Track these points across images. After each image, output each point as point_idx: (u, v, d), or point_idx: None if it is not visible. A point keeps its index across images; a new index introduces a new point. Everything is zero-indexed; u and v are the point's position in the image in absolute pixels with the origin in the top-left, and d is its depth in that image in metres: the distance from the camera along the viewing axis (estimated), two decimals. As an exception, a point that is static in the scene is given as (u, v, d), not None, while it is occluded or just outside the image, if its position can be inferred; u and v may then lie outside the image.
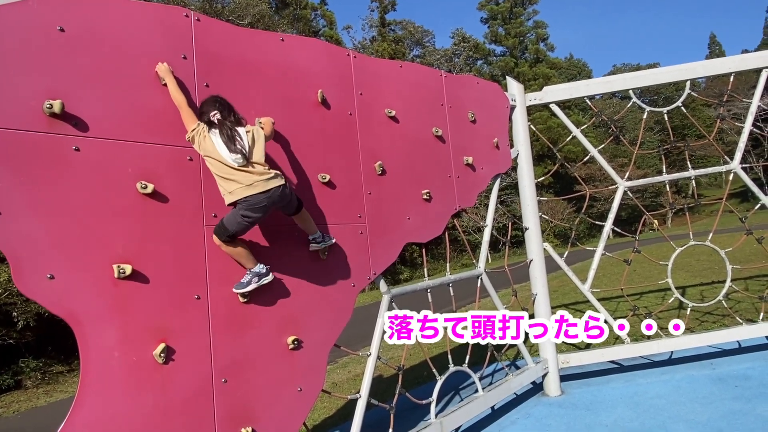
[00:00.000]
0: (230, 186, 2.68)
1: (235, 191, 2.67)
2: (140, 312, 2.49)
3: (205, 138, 2.69)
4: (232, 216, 2.70)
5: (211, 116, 2.73)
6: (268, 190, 2.70)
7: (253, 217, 2.71)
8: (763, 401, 4.13)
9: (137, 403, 2.42)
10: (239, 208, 2.68)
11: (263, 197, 2.69)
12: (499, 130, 5.05)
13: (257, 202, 2.68)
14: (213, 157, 2.68)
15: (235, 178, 2.67)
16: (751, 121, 5.50)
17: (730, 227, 15.69)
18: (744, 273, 9.71)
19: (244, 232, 2.78)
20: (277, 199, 2.77)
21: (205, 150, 2.69)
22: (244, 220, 2.70)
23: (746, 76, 29.16)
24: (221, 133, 2.68)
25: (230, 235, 2.71)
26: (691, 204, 6.67)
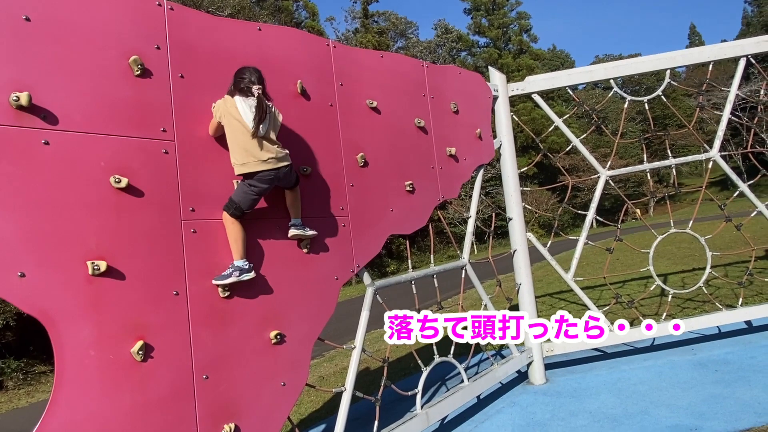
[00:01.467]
0: (244, 158, 2.82)
1: (248, 163, 2.82)
2: (116, 309, 2.43)
3: (227, 102, 2.83)
4: (240, 190, 2.88)
5: (255, 88, 2.84)
6: (278, 168, 2.90)
7: (259, 188, 2.87)
8: (742, 385, 4.21)
9: (114, 402, 2.37)
10: (247, 180, 2.86)
11: (273, 173, 2.88)
12: (481, 120, 5.04)
13: (266, 176, 2.86)
14: (236, 119, 2.80)
15: (251, 150, 2.81)
16: (729, 110, 5.56)
17: (710, 215, 15.96)
18: (724, 259, 9.90)
19: (253, 206, 2.92)
20: (282, 177, 2.97)
21: (226, 113, 2.81)
22: (251, 190, 2.86)
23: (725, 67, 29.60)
24: (258, 104, 2.81)
25: (241, 210, 2.84)
26: (671, 193, 6.74)
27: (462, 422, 4.40)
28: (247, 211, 2.89)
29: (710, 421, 3.65)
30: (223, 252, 2.87)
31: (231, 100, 2.85)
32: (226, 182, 2.95)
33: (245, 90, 2.84)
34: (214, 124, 2.90)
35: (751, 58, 5.51)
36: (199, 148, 2.86)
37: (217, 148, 2.95)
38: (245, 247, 2.90)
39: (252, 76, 2.88)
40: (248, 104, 2.82)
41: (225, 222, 2.87)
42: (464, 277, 4.76)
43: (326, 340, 3.50)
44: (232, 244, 2.87)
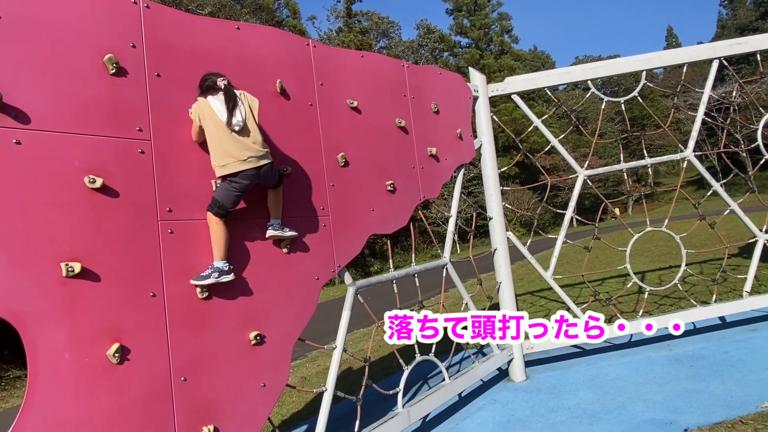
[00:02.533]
0: (223, 159, 2.81)
1: (228, 165, 2.81)
2: (91, 311, 2.39)
3: (201, 104, 2.82)
4: (222, 188, 2.86)
5: (218, 81, 2.84)
6: (259, 167, 2.89)
7: (241, 184, 2.86)
8: (715, 379, 4.31)
9: (90, 405, 2.33)
10: (228, 179, 2.84)
11: (254, 171, 2.87)
12: (462, 120, 5.08)
13: (247, 174, 2.85)
14: (212, 118, 2.79)
15: (230, 151, 2.80)
16: (703, 111, 5.69)
17: (686, 213, 16.30)
18: (699, 257, 10.12)
19: (237, 203, 2.90)
20: (264, 175, 2.95)
21: (203, 115, 2.80)
22: (233, 187, 2.84)
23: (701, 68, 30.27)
24: (226, 98, 2.81)
25: (225, 209, 2.83)
26: (648, 192, 6.87)
27: (443, 420, 4.43)
28: (231, 209, 2.88)
29: (684, 415, 3.73)
30: (201, 252, 2.85)
31: (204, 101, 2.85)
32: (204, 182, 2.92)
33: (212, 87, 2.85)
34: (195, 129, 2.89)
35: (723, 60, 5.64)
36: (176, 148, 2.83)
37: (195, 148, 2.93)
38: (227, 249, 2.88)
39: (213, 75, 2.88)
40: (219, 100, 2.83)
41: (209, 222, 2.85)
42: (445, 276, 4.78)
43: (307, 341, 3.49)
44: (215, 244, 2.85)
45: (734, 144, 35.04)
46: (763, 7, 50.66)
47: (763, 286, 7.02)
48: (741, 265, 8.37)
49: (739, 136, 33.79)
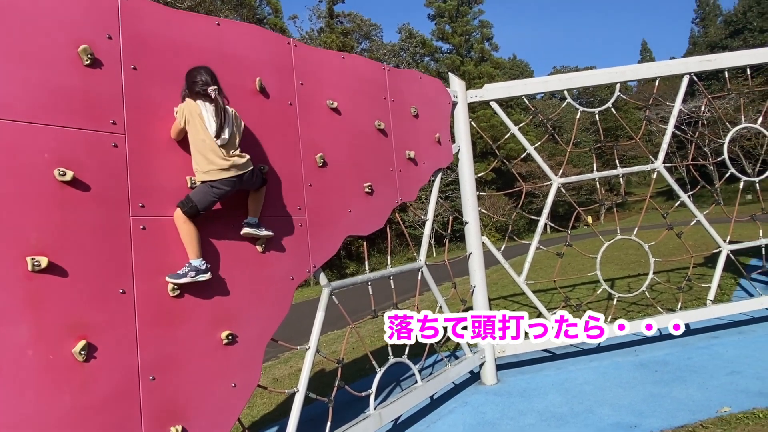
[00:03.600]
0: (206, 165, 2.81)
1: (210, 172, 2.81)
2: (58, 307, 2.33)
3: (190, 106, 2.79)
4: (200, 190, 2.83)
5: (210, 90, 2.81)
6: (241, 174, 2.90)
7: (222, 190, 2.85)
8: (679, 384, 4.44)
9: (53, 403, 2.27)
10: (210, 184, 2.83)
11: (236, 179, 2.88)
12: (440, 125, 5.12)
13: (229, 181, 2.86)
14: (199, 125, 2.78)
15: (213, 159, 2.79)
16: (673, 124, 5.87)
17: (656, 223, 16.74)
18: (666, 266, 10.41)
19: (210, 207, 2.88)
20: (245, 181, 2.98)
21: (191, 117, 2.77)
22: (213, 192, 2.83)
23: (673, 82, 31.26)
24: (216, 110, 2.80)
25: (197, 210, 2.79)
26: (618, 201, 7.04)
27: (415, 422, 4.44)
28: (202, 212, 2.84)
29: (649, 419, 3.83)
30: (174, 250, 2.80)
31: (194, 104, 2.81)
32: (179, 178, 2.88)
33: (202, 94, 2.81)
34: (177, 127, 2.84)
35: (694, 75, 5.83)
36: (151, 143, 2.78)
37: (171, 144, 2.88)
38: (200, 246, 2.85)
39: (205, 76, 2.84)
40: (209, 110, 2.80)
41: (177, 220, 2.79)
42: (420, 279, 4.81)
43: (280, 341, 3.47)
44: (187, 243, 2.81)
45: (702, 157, 36.18)
46: (733, 26, 52.52)
47: (726, 295, 7.27)
48: (706, 275, 8.64)
49: (707, 150, 34.88)
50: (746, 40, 48.41)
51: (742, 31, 50.75)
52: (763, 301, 5.66)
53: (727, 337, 5.63)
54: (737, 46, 46.41)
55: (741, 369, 4.58)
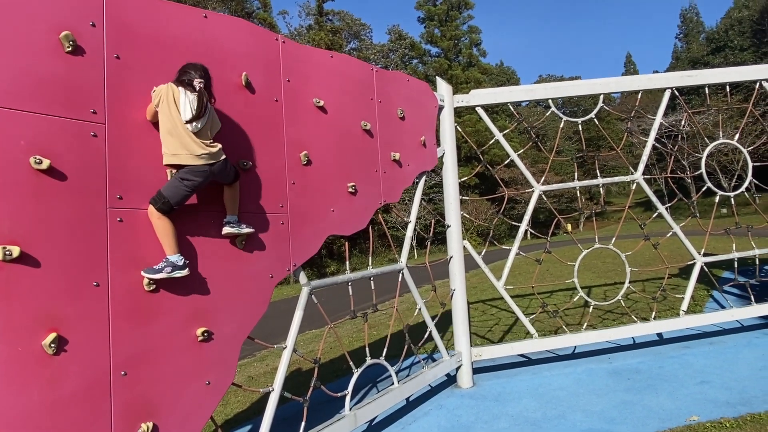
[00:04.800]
0: (175, 148, 2.75)
1: (179, 155, 2.75)
2: (28, 298, 2.27)
3: (169, 89, 2.75)
4: (171, 184, 2.76)
5: (196, 82, 2.81)
6: (212, 163, 2.84)
7: (193, 181, 2.78)
8: (650, 392, 4.52)
9: (21, 397, 2.21)
10: (179, 172, 2.77)
11: (206, 168, 2.82)
12: (426, 128, 5.13)
13: (199, 170, 2.79)
14: (173, 108, 2.73)
15: (183, 142, 2.74)
16: (653, 137, 5.98)
17: (634, 233, 17.07)
18: (642, 275, 10.61)
19: (184, 201, 2.81)
20: (217, 171, 2.89)
21: (165, 99, 2.73)
22: (184, 185, 2.76)
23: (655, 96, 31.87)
24: (198, 100, 2.78)
25: (170, 205, 2.72)
26: (598, 210, 7.15)
27: (390, 424, 4.44)
28: (176, 206, 2.76)
29: (620, 426, 3.89)
30: (151, 244, 2.75)
31: (174, 88, 2.78)
32: (159, 171, 2.83)
33: (187, 83, 2.80)
34: (152, 109, 2.79)
35: (675, 90, 5.96)
36: (132, 134, 2.73)
37: (152, 135, 2.83)
38: (177, 241, 2.79)
39: (197, 71, 2.85)
40: (189, 98, 2.78)
41: (151, 216, 2.72)
42: (401, 280, 4.81)
43: (257, 340, 3.43)
44: (162, 239, 2.75)
45: (681, 170, 36.97)
46: (715, 44, 53.82)
47: (698, 307, 7.43)
48: (680, 285, 8.84)
49: (686, 163, 35.67)
50: (727, 58, 49.68)
51: (724, 49, 52.06)
52: (734, 313, 5.80)
53: (698, 347, 5.75)
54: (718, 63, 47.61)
55: (711, 379, 4.68)
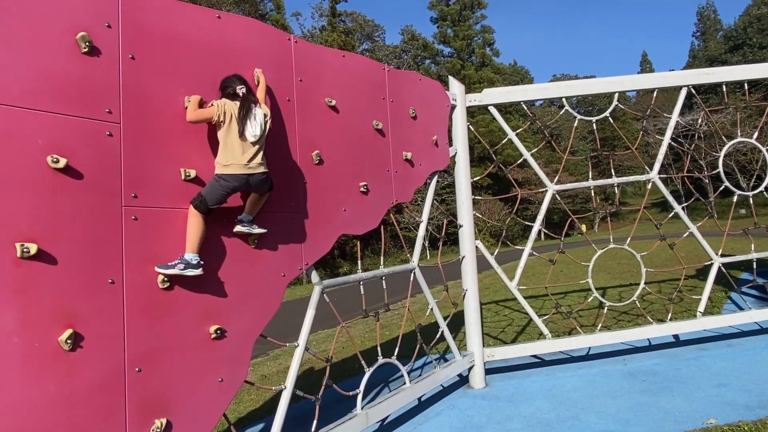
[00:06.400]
0: (228, 159, 2.90)
1: (231, 166, 2.90)
2: (45, 295, 2.31)
3: (228, 105, 2.93)
4: (209, 185, 2.90)
5: (237, 89, 3.00)
6: (252, 174, 2.98)
7: (229, 185, 2.90)
8: (666, 395, 4.46)
9: (37, 392, 2.25)
10: (219, 176, 2.90)
11: (246, 177, 2.96)
12: (438, 128, 5.12)
13: (239, 177, 2.93)
14: (233, 126, 2.90)
15: (235, 154, 2.90)
16: (669, 136, 5.89)
17: (650, 233, 16.81)
18: (658, 276, 10.46)
19: (220, 202, 2.92)
20: (254, 184, 3.02)
21: (229, 114, 2.90)
22: (220, 186, 2.88)
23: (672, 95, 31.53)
24: (241, 107, 2.95)
25: (206, 204, 2.85)
26: (612, 210, 7.07)
27: (402, 424, 4.44)
28: (213, 206, 2.89)
29: (634, 428, 3.84)
30: (166, 241, 2.79)
31: (232, 103, 2.96)
32: (173, 169, 2.87)
33: (234, 95, 3.00)
34: (205, 115, 2.91)
35: (692, 88, 5.86)
36: (146, 133, 2.77)
37: (167, 134, 2.86)
38: (200, 243, 2.86)
39: (232, 81, 3.03)
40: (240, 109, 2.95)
41: (189, 214, 2.85)
42: (413, 280, 4.81)
43: (269, 338, 3.45)
44: (188, 236, 2.83)
45: (698, 170, 36.39)
46: (733, 42, 52.90)
47: (716, 308, 7.31)
48: (697, 287, 8.70)
49: (703, 163, 35.12)
50: (745, 56, 48.78)
51: (742, 47, 51.13)
52: (752, 314, 5.70)
53: (715, 349, 5.66)
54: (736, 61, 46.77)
55: (728, 381, 4.60)
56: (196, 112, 2.91)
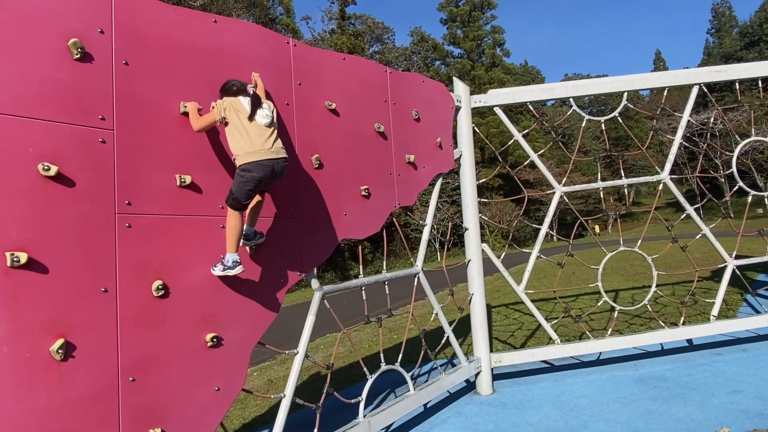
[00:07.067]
0: (249, 146, 2.84)
1: (253, 153, 2.84)
2: (36, 304, 2.28)
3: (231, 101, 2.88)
4: (235, 181, 2.86)
5: (249, 87, 2.96)
6: (277, 159, 2.94)
7: (253, 175, 2.83)
8: (678, 402, 4.33)
9: (28, 403, 2.22)
10: (240, 166, 2.85)
11: (271, 163, 2.89)
12: (442, 129, 5.05)
13: (262, 165, 2.86)
14: (242, 113, 2.86)
15: (254, 140, 2.85)
16: (680, 135, 5.75)
17: (664, 234, 16.53)
18: (671, 278, 10.25)
19: (249, 197, 2.89)
20: (279, 171, 2.97)
21: (232, 109, 2.85)
22: (243, 178, 2.81)
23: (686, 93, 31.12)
24: (252, 100, 2.92)
25: (238, 201, 2.83)
26: (623, 212, 6.93)
27: (406, 431, 4.36)
28: (246, 202, 2.87)
29: (645, 437, 3.73)
30: (161, 248, 2.75)
31: (235, 99, 2.91)
32: (168, 176, 2.83)
33: (241, 90, 2.93)
34: (209, 119, 2.88)
35: (704, 86, 5.71)
36: (140, 139, 2.74)
37: (161, 140, 2.83)
38: (239, 242, 2.92)
39: (237, 81, 2.99)
40: (246, 100, 2.91)
41: (227, 214, 2.89)
42: (417, 285, 4.73)
43: (268, 345, 3.40)
44: (227, 236, 2.87)
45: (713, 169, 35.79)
46: (748, 38, 52.03)
47: (730, 311, 7.12)
48: (711, 289, 8.49)
49: (718, 162, 34.52)
50: (762, 52, 47.94)
51: (758, 43, 50.28)
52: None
53: (730, 354, 5.50)
54: (752, 58, 45.92)
55: (743, 388, 4.46)
56: (199, 120, 2.88)
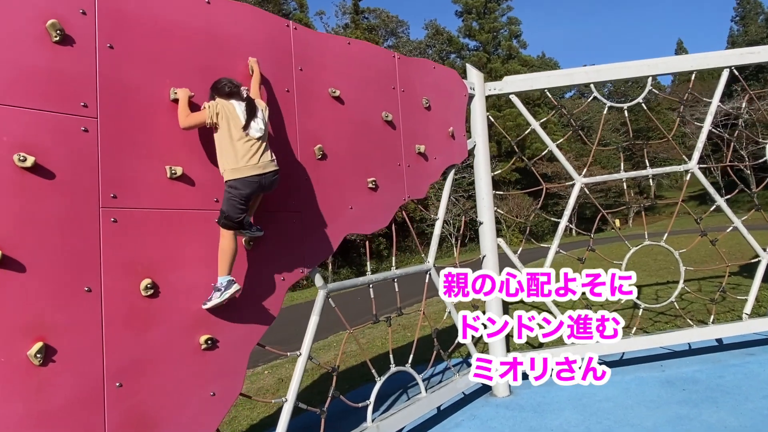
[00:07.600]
0: (234, 162, 2.66)
1: (240, 169, 2.67)
2: (12, 305, 2.13)
3: (223, 105, 2.69)
4: (224, 198, 2.70)
5: (243, 89, 2.78)
6: (265, 173, 2.75)
7: (241, 192, 2.67)
8: (709, 406, 4.05)
9: (4, 411, 2.07)
10: (228, 182, 2.68)
11: (257, 178, 2.72)
12: (455, 118, 4.80)
13: (249, 180, 2.69)
14: (233, 122, 2.67)
15: (240, 155, 2.67)
16: (710, 122, 5.41)
17: (689, 228, 15.98)
18: (698, 274, 9.83)
19: (241, 215, 2.70)
20: (267, 184, 2.79)
21: (224, 115, 2.67)
22: (232, 195, 2.65)
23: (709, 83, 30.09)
24: (248, 107, 2.73)
25: (230, 219, 2.67)
26: (647, 204, 6.60)
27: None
28: (238, 219, 2.68)
29: (674, 445, 3.46)
30: (150, 245, 2.58)
31: (227, 103, 2.71)
32: (158, 167, 2.66)
33: (234, 93, 2.75)
34: (198, 119, 2.68)
35: (734, 69, 5.36)
36: (127, 128, 2.56)
37: (150, 129, 2.65)
38: (231, 265, 2.72)
39: (229, 81, 2.79)
40: (241, 107, 2.71)
41: (220, 235, 2.71)
42: (428, 282, 4.51)
43: (268, 347, 3.22)
44: (220, 258, 2.70)
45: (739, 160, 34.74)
46: (775, 25, 50.32)
47: (763, 308, 6.74)
48: (741, 285, 8.09)
49: (744, 153, 33.47)
50: (789, 39, 46.33)
51: (785, 30, 48.58)
52: (806, 316, 5.18)
53: (764, 354, 5.16)
54: (779, 45, 44.40)
55: (780, 392, 4.15)
56: (188, 118, 2.68)
